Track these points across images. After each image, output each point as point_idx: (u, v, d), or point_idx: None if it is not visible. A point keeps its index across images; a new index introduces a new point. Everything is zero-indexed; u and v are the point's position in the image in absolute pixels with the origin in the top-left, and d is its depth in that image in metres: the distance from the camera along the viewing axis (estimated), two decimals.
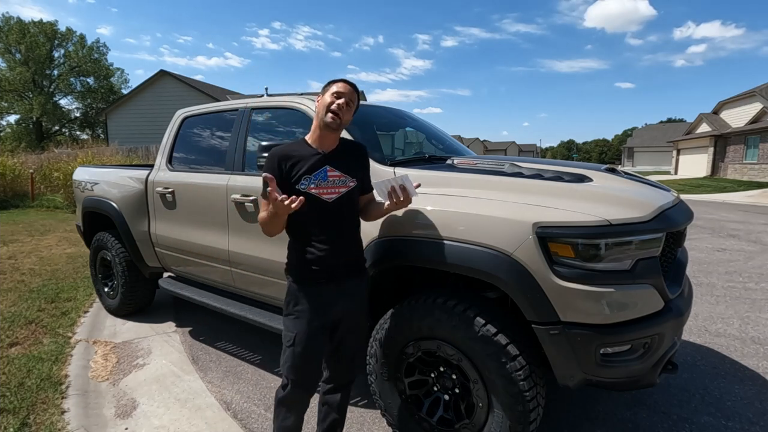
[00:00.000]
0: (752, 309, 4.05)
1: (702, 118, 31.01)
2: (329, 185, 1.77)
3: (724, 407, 2.51)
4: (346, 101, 1.78)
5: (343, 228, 1.82)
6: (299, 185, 1.73)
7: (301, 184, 1.73)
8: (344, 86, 1.80)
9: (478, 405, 1.89)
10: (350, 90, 1.81)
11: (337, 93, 1.78)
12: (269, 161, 1.76)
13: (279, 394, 1.84)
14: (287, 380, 1.80)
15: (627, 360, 1.76)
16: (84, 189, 4.12)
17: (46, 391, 2.66)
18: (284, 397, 1.82)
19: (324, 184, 1.76)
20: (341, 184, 1.79)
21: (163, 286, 3.55)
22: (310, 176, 1.74)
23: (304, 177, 1.74)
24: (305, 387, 1.81)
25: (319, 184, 1.75)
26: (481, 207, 1.89)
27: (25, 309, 4.00)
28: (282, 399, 1.82)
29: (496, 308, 1.94)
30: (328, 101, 1.77)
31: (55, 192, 12.83)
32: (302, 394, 1.82)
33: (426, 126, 3.52)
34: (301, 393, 1.81)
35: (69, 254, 6.30)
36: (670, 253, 2.05)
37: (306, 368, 1.78)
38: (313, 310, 1.77)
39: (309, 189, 1.73)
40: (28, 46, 37.44)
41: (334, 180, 1.78)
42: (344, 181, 1.80)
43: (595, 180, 2.06)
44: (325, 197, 1.76)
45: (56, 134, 40.41)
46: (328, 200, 1.76)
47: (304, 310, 1.77)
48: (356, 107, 1.87)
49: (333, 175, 1.78)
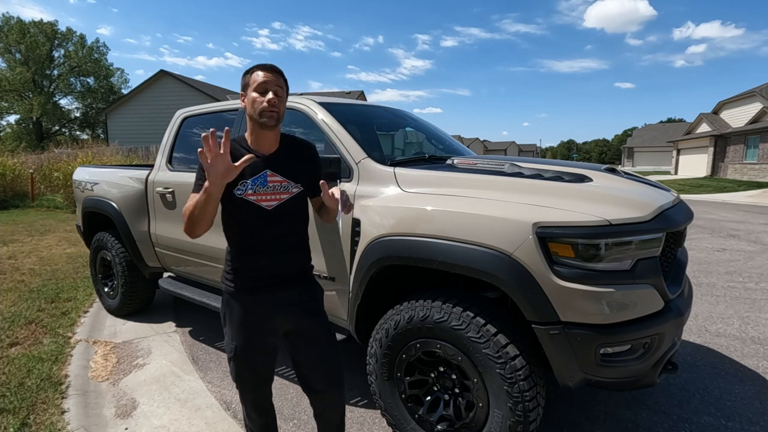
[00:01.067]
0: (752, 309, 4.05)
1: (702, 118, 31.02)
2: (269, 191, 1.60)
3: (724, 407, 2.51)
4: (274, 92, 1.56)
5: (285, 236, 1.66)
6: (236, 190, 1.56)
7: (238, 189, 1.56)
8: (266, 75, 1.57)
9: (478, 405, 1.89)
10: (273, 77, 1.58)
11: (262, 85, 1.55)
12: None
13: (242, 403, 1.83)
14: (237, 385, 1.77)
15: (627, 360, 1.76)
16: (84, 189, 4.12)
17: (46, 391, 2.66)
18: (242, 400, 1.81)
19: (263, 190, 1.59)
20: (283, 190, 1.62)
21: (163, 286, 3.55)
22: (247, 181, 1.57)
23: (240, 182, 1.56)
24: (256, 390, 1.78)
25: (257, 190, 1.58)
26: (481, 207, 1.89)
27: (25, 309, 4.00)
28: (242, 401, 1.81)
29: (496, 308, 1.94)
30: (254, 96, 1.56)
31: (55, 192, 12.82)
32: (256, 394, 1.79)
33: (426, 126, 3.52)
34: (252, 394, 1.79)
35: (69, 254, 6.30)
36: (670, 253, 2.05)
37: (252, 375, 1.74)
38: (252, 321, 1.66)
39: (246, 195, 1.57)
40: (28, 46, 37.48)
41: (275, 186, 1.61)
42: (286, 186, 1.63)
43: (595, 180, 2.06)
44: (264, 204, 1.59)
45: (56, 134, 40.46)
46: (267, 207, 1.60)
47: (240, 320, 1.66)
48: (287, 91, 1.66)
49: (274, 181, 1.61)
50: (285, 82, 1.64)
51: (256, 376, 1.75)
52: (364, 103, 3.66)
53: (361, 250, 2.16)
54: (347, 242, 2.27)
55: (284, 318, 1.69)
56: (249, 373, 1.73)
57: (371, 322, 2.27)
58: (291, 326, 1.72)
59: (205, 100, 19.81)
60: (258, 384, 1.77)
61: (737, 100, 27.82)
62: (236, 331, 1.68)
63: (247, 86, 1.60)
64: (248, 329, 1.67)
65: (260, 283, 1.65)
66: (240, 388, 1.77)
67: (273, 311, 1.67)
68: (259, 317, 1.67)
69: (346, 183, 2.33)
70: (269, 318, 1.68)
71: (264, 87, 1.56)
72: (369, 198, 2.22)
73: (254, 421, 1.83)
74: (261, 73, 1.58)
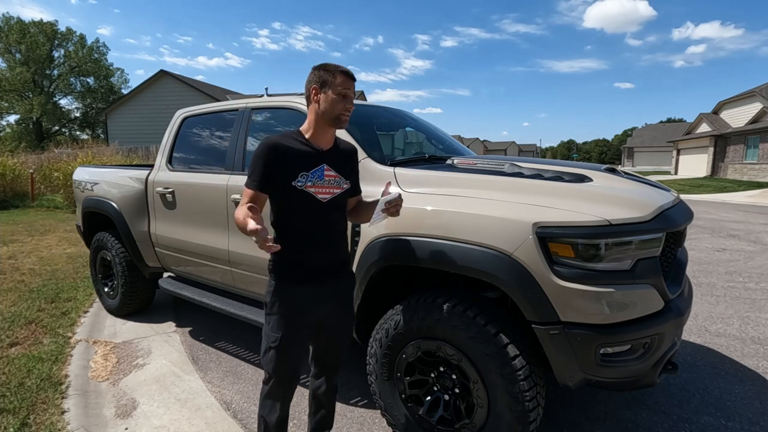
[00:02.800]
0: (752, 309, 4.05)
1: (702, 118, 31.01)
2: (325, 185, 1.70)
3: (724, 407, 2.51)
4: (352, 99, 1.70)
5: (333, 229, 1.78)
6: (296, 182, 1.65)
7: (298, 181, 1.65)
8: (349, 81, 1.68)
9: (478, 405, 1.89)
10: (353, 84, 1.71)
11: (345, 91, 1.66)
12: (264, 151, 1.63)
13: (264, 389, 1.81)
14: (271, 376, 1.77)
15: (627, 360, 1.76)
16: (84, 189, 4.12)
17: (46, 391, 2.66)
18: (270, 392, 1.79)
19: (321, 183, 1.69)
20: (336, 185, 1.73)
21: (163, 286, 3.55)
22: (307, 174, 1.66)
23: (301, 174, 1.65)
24: (291, 378, 1.80)
25: (315, 183, 1.67)
26: (481, 207, 1.89)
27: (25, 309, 4.00)
28: (268, 393, 1.80)
29: (496, 308, 1.94)
30: (335, 98, 1.66)
31: (55, 192, 12.82)
32: (288, 386, 1.81)
33: (426, 126, 3.52)
34: (286, 385, 1.80)
35: (69, 254, 6.30)
36: (670, 253, 2.05)
37: (291, 366, 1.77)
38: (298, 312, 1.73)
39: (306, 187, 1.66)
40: (28, 46, 37.48)
41: (330, 180, 1.71)
42: (339, 182, 1.74)
43: (595, 180, 2.06)
44: (320, 197, 1.69)
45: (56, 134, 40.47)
46: (322, 200, 1.69)
47: (288, 311, 1.72)
48: None
49: (329, 175, 1.71)
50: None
51: (294, 368, 1.78)
52: (364, 103, 3.66)
53: (361, 250, 2.16)
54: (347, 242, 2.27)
55: (325, 307, 1.78)
56: (288, 365, 1.75)
57: (371, 322, 2.27)
58: (325, 315, 1.81)
59: (205, 100, 19.81)
60: (295, 376, 1.80)
61: (737, 100, 27.82)
62: (283, 321, 1.72)
63: (326, 84, 1.66)
64: (293, 320, 1.72)
65: (311, 272, 1.72)
66: (275, 380, 1.76)
67: (319, 302, 1.76)
68: (305, 307, 1.74)
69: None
70: (315, 308, 1.76)
71: (346, 92, 1.67)
72: (369, 198, 2.22)
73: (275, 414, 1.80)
74: (345, 78, 1.67)
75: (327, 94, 1.66)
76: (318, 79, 1.68)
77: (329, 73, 1.67)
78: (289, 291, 1.73)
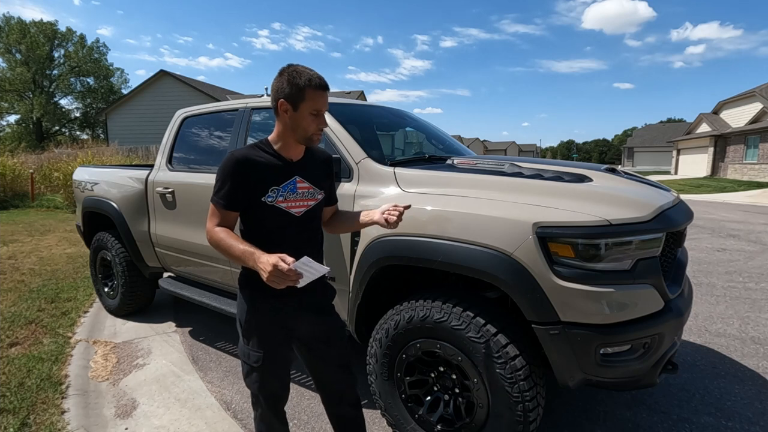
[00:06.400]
0: (752, 309, 4.05)
1: (702, 118, 31.02)
2: (298, 198, 1.60)
3: (724, 407, 2.51)
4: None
5: (310, 241, 1.68)
6: (266, 197, 1.54)
7: (269, 196, 1.54)
8: (324, 98, 1.54)
9: (478, 405, 1.89)
10: (327, 97, 1.58)
11: (318, 109, 1.53)
12: (231, 166, 1.51)
13: (255, 414, 1.74)
14: (258, 397, 1.68)
15: (627, 360, 1.76)
16: (84, 189, 4.12)
17: (46, 391, 2.66)
18: (262, 415, 1.72)
19: (293, 196, 1.59)
20: (310, 197, 1.64)
21: (163, 286, 3.55)
22: (278, 188, 1.56)
23: (271, 189, 1.55)
24: (280, 398, 1.74)
25: (288, 197, 1.58)
26: (481, 207, 1.89)
27: (25, 309, 4.00)
28: (261, 417, 1.73)
29: (496, 308, 1.94)
30: (306, 118, 1.52)
31: (55, 192, 12.83)
32: (280, 405, 1.76)
33: (426, 126, 3.52)
34: (278, 404, 1.74)
35: (69, 254, 6.30)
36: (670, 253, 2.05)
37: (280, 384, 1.71)
38: (278, 327, 1.63)
39: (277, 202, 1.56)
40: (29, 46, 37.52)
41: (303, 192, 1.62)
42: (313, 193, 1.65)
43: (595, 180, 2.06)
44: (294, 211, 1.59)
45: (56, 134, 40.50)
46: (296, 214, 1.60)
47: (268, 325, 1.62)
48: None
49: (303, 187, 1.62)
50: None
51: (283, 386, 1.72)
52: (364, 103, 3.66)
53: (361, 250, 2.16)
54: (347, 242, 2.27)
55: (306, 320, 1.67)
56: (276, 382, 1.68)
57: (371, 322, 2.27)
58: (309, 328, 1.70)
59: (206, 100, 19.82)
60: (283, 392, 1.74)
61: (737, 100, 27.82)
62: (262, 339, 1.63)
63: (299, 99, 1.50)
64: (275, 336, 1.64)
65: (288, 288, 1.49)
66: (263, 400, 1.69)
67: (296, 315, 1.65)
68: (284, 323, 1.64)
69: (346, 183, 2.33)
70: (293, 322, 1.66)
71: (318, 110, 1.53)
72: (369, 198, 2.22)
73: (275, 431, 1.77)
74: (316, 95, 1.51)
75: (297, 114, 1.52)
76: (290, 92, 1.50)
77: (299, 90, 1.49)
78: (266, 305, 1.61)
